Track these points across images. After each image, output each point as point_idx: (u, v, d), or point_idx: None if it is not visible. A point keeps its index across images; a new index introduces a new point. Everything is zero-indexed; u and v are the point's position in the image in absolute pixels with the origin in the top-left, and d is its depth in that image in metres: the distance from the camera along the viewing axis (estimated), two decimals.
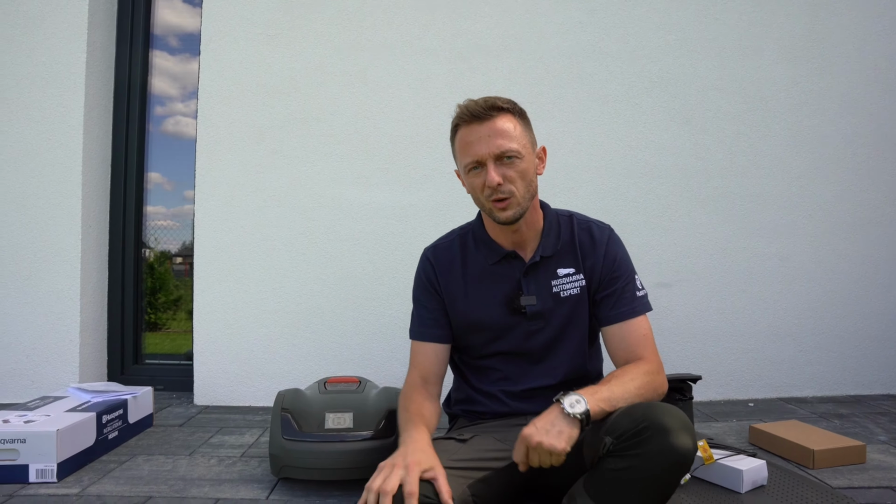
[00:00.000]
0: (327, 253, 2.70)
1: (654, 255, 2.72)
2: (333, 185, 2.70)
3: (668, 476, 1.19)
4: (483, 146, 1.43)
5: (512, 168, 1.44)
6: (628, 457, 1.20)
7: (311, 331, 2.70)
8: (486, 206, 1.49)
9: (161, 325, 3.13)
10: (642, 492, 1.20)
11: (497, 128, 1.43)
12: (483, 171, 1.45)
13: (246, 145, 2.72)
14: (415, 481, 1.14)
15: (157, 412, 2.57)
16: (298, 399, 1.80)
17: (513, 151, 1.43)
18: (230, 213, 2.72)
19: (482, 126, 1.44)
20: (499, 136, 1.43)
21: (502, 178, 1.43)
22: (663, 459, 1.17)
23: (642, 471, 1.19)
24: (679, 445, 1.16)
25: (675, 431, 1.17)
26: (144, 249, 3.05)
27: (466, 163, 1.47)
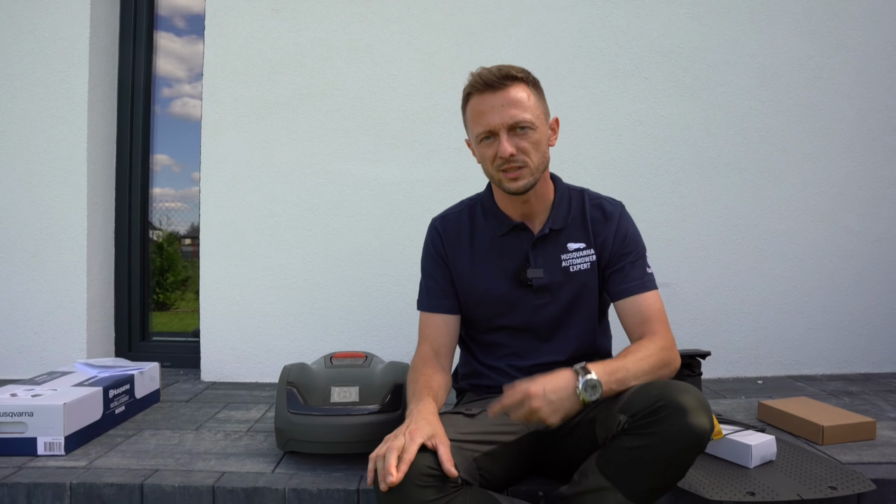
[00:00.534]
0: (334, 229, 2.69)
1: (663, 231, 2.69)
2: (340, 161, 2.68)
3: (684, 455, 1.18)
4: (496, 116, 1.40)
5: (525, 139, 1.41)
6: (644, 435, 1.18)
7: (317, 307, 2.70)
8: (497, 176, 1.46)
9: (169, 305, 3.13)
10: (657, 470, 1.19)
11: (511, 97, 1.40)
12: (495, 141, 1.42)
13: (251, 121, 2.70)
14: (414, 449, 1.13)
15: (164, 388, 2.57)
16: (304, 373, 1.79)
17: (526, 122, 1.40)
18: (236, 189, 2.70)
19: (495, 95, 1.41)
20: (512, 106, 1.40)
21: (515, 149, 1.40)
22: (680, 439, 1.16)
23: (658, 450, 1.17)
24: (696, 425, 1.15)
25: (693, 411, 1.15)
26: (151, 230, 3.05)
27: (478, 132, 1.44)
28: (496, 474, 1.37)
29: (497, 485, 1.39)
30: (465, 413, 1.43)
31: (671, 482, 1.21)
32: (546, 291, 1.54)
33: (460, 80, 2.64)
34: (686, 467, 1.19)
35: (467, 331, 1.65)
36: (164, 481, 1.61)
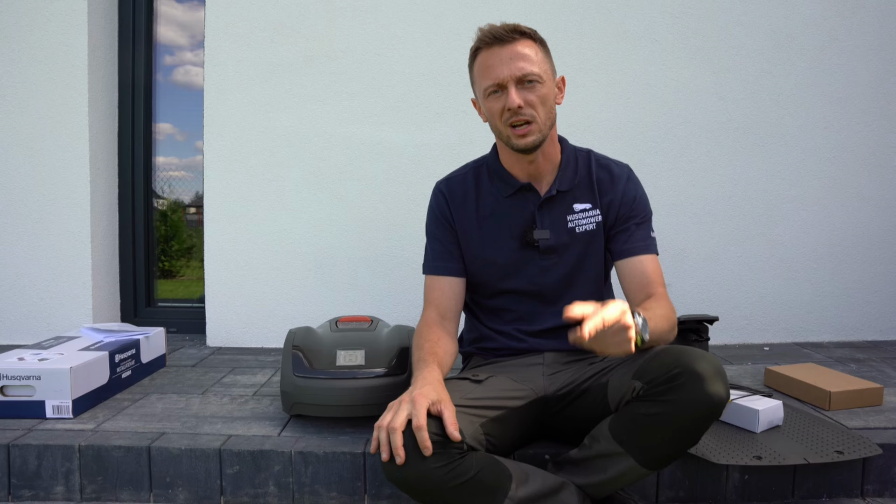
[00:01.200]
0: (338, 193, 2.66)
1: (671, 196, 2.66)
2: (344, 125, 2.65)
3: (699, 423, 1.17)
4: (504, 68, 1.38)
5: (533, 92, 1.40)
6: (659, 402, 1.18)
7: (322, 271, 2.69)
8: (505, 132, 1.44)
9: (175, 273, 3.13)
10: (671, 437, 1.18)
11: (519, 51, 1.39)
12: (503, 94, 1.40)
13: (254, 85, 2.66)
14: (422, 414, 1.12)
15: (170, 353, 2.58)
16: (309, 337, 1.78)
17: (534, 75, 1.39)
18: (239, 154, 2.67)
19: (504, 48, 1.40)
20: (520, 59, 1.39)
21: (523, 102, 1.39)
22: (696, 407, 1.15)
23: (673, 417, 1.16)
24: (713, 393, 1.14)
25: (710, 379, 1.15)
26: (156, 199, 3.03)
27: (486, 86, 1.42)
28: (503, 440, 1.37)
29: (504, 451, 1.39)
30: (472, 379, 1.43)
31: (684, 448, 1.20)
32: (552, 253, 1.53)
33: (466, 42, 2.59)
34: (700, 434, 1.19)
35: (472, 296, 1.64)
36: (172, 444, 1.62)
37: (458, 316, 1.58)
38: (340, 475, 1.57)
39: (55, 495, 1.64)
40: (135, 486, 1.62)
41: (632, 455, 1.22)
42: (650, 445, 1.20)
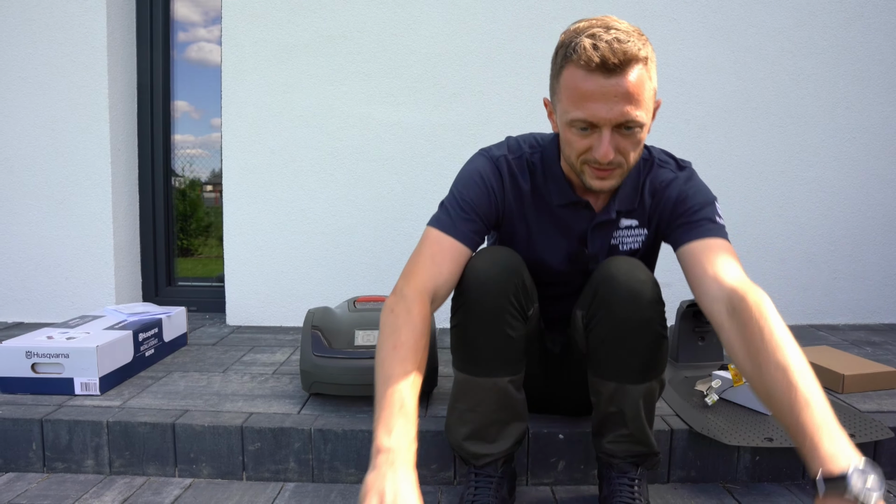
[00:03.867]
0: (356, 174, 2.68)
1: None
2: (361, 105, 2.66)
3: (640, 323, 1.21)
4: (604, 108, 1.12)
5: (630, 139, 1.17)
6: (599, 319, 1.24)
7: (340, 252, 2.72)
8: (579, 168, 1.22)
9: (193, 251, 3.16)
10: (633, 343, 1.23)
11: (627, 89, 1.11)
12: (593, 133, 1.16)
13: (272, 65, 2.67)
14: None
15: (191, 332, 2.63)
16: (328, 317, 1.81)
17: (637, 122, 1.14)
18: (257, 134, 2.70)
19: (609, 80, 1.11)
20: (626, 101, 1.12)
21: (616, 150, 1.17)
22: (623, 306, 1.20)
23: (614, 325, 1.22)
24: (629, 285, 1.20)
25: (623, 274, 1.21)
26: (174, 178, 3.06)
27: (574, 118, 1.15)
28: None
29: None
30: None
31: (653, 353, 1.25)
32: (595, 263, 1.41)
33: (483, 21, 2.60)
34: (651, 329, 1.22)
35: None
36: (195, 421, 1.66)
37: (446, 299, 1.34)
38: (358, 452, 1.61)
39: (86, 468, 1.70)
40: (160, 461, 1.67)
41: (626, 381, 1.27)
42: (620, 363, 1.26)
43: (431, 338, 1.72)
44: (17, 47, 2.72)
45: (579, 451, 1.59)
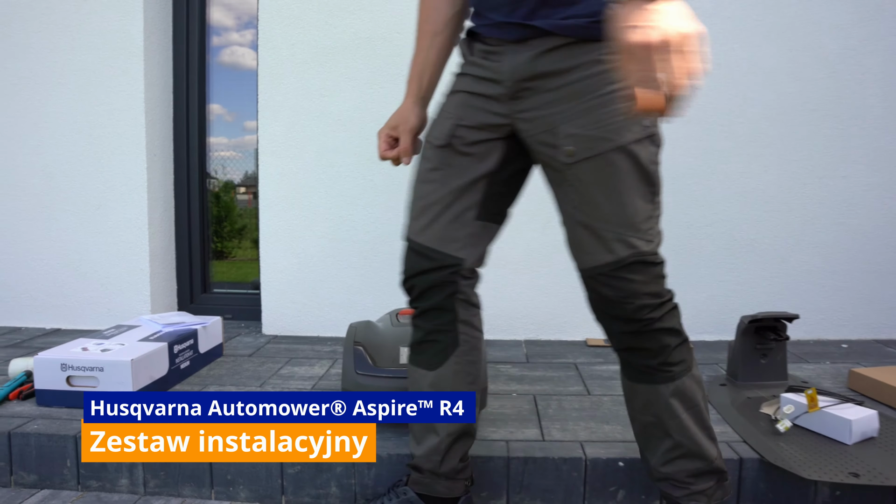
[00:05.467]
0: (396, 179, 2.60)
1: (742, 183, 2.53)
2: None
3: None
4: None
5: None
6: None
7: (380, 260, 2.63)
8: None
9: (227, 254, 3.12)
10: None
11: None
12: None
13: (309, 68, 2.60)
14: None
15: (227, 342, 2.57)
16: (371, 332, 1.73)
17: None
18: (294, 139, 2.63)
19: None
20: None
21: None
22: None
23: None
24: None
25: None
26: (209, 179, 3.02)
27: None
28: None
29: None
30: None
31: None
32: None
33: None
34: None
35: None
36: None
37: None
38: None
39: (120, 487, 1.64)
40: (196, 483, 1.60)
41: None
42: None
43: (481, 353, 1.63)
44: (55, 53, 2.69)
45: (641, 480, 1.48)
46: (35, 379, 1.85)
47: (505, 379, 2.08)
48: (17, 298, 2.88)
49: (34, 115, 2.76)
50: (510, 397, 1.91)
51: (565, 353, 2.38)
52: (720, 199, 2.54)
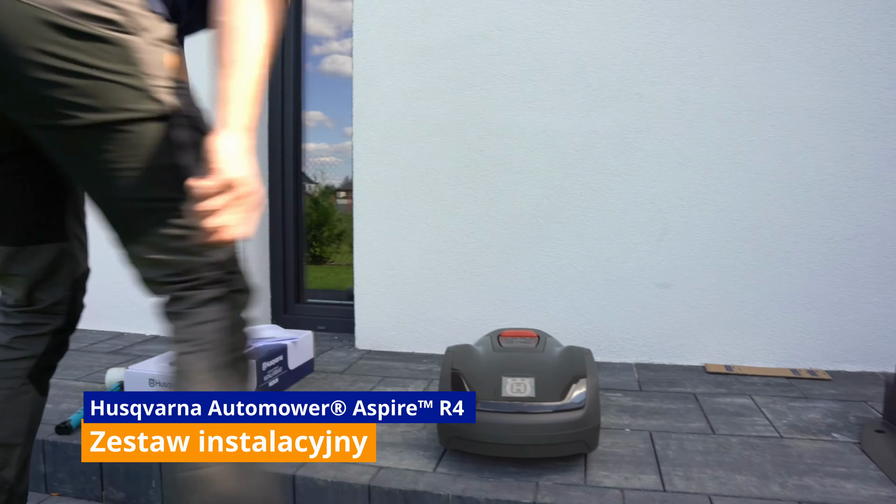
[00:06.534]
0: (496, 187, 2.42)
1: (893, 190, 2.19)
2: (503, 111, 2.39)
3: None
4: None
5: None
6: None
7: (478, 273, 2.46)
8: None
9: (325, 259, 3.05)
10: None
11: None
12: None
13: (405, 70, 2.47)
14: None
15: (319, 355, 2.46)
16: (470, 358, 1.56)
17: None
18: (390, 144, 2.50)
19: None
20: None
21: None
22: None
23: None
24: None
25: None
26: (306, 184, 2.96)
27: None
28: None
29: None
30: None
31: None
32: None
33: (640, 14, 2.26)
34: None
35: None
36: (317, 474, 1.46)
37: None
38: None
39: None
40: None
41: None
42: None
43: (594, 390, 1.43)
44: None
45: None
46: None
47: (616, 410, 1.86)
48: (121, 305, 2.90)
49: None
50: (623, 433, 1.69)
51: (682, 381, 2.13)
52: (866, 208, 2.22)
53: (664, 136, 2.26)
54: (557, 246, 2.38)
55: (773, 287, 2.23)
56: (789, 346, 2.24)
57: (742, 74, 2.20)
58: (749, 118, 2.21)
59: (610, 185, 2.31)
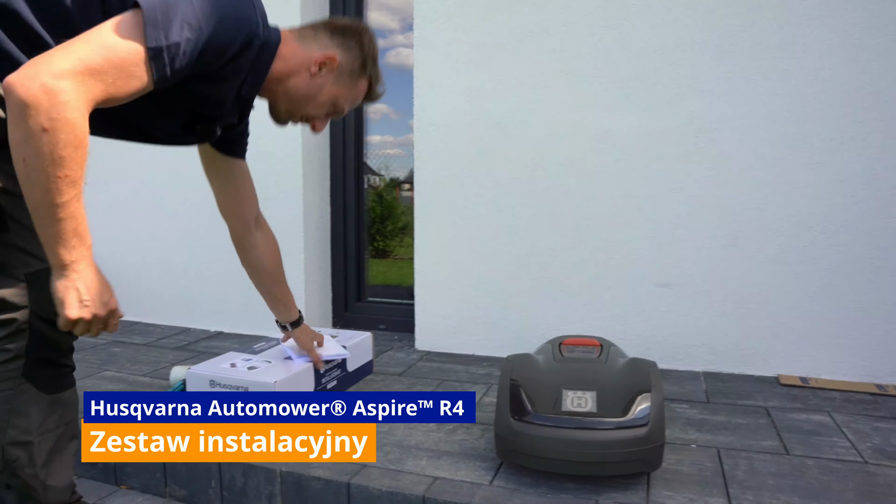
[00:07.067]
0: (560, 188, 2.35)
1: None
2: (567, 110, 2.32)
3: None
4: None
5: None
6: None
7: (540, 275, 2.40)
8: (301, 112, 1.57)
9: (389, 252, 3.04)
10: None
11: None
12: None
13: (466, 68, 2.43)
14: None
15: (378, 356, 2.46)
16: (530, 368, 1.51)
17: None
18: (451, 143, 2.47)
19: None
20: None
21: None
22: None
23: None
24: None
25: None
26: (369, 176, 2.97)
27: (341, 106, 1.60)
28: None
29: None
30: None
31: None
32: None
33: (713, 6, 2.16)
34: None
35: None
36: (372, 482, 1.44)
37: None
38: None
39: None
40: None
41: None
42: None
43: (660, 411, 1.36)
44: None
45: None
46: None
47: (682, 423, 1.78)
48: (188, 301, 2.98)
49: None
50: (689, 449, 1.61)
51: (753, 393, 2.02)
52: None
53: (738, 135, 2.15)
54: (622, 249, 2.30)
55: (857, 295, 2.09)
56: (875, 359, 2.09)
57: (826, 68, 2.06)
58: (834, 114, 2.06)
59: (679, 187, 2.22)
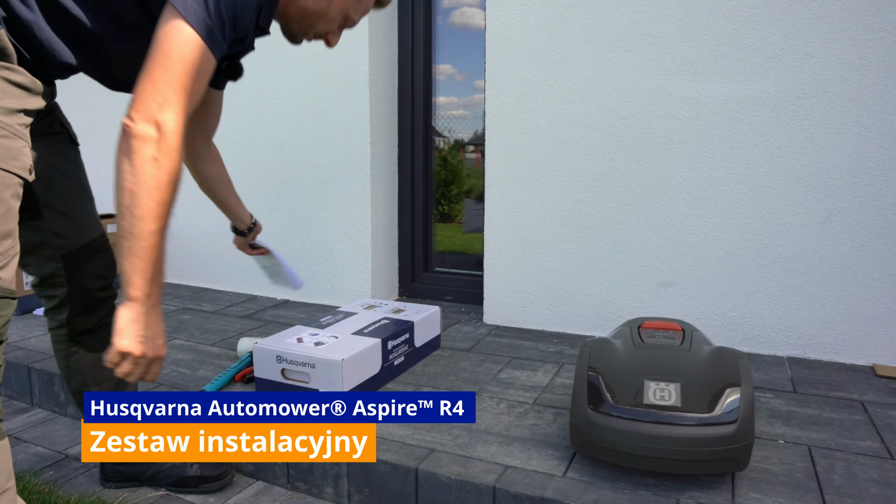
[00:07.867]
0: (640, 158, 2.23)
1: None
2: (649, 75, 2.18)
3: None
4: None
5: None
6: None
7: (616, 250, 2.30)
8: (314, 29, 1.36)
9: (454, 217, 2.97)
10: None
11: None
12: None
13: (541, 31, 2.30)
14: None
15: (445, 329, 2.42)
16: (609, 354, 1.43)
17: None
18: (524, 111, 2.36)
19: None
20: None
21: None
22: None
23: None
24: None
25: None
26: (435, 138, 2.90)
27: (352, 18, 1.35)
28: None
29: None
30: None
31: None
32: None
33: None
34: None
35: None
36: (441, 469, 1.40)
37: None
38: None
39: (326, 495, 1.57)
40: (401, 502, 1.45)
41: None
42: None
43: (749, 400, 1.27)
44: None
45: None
46: (255, 367, 1.82)
47: (767, 415, 1.67)
48: (255, 269, 2.99)
49: (269, 92, 2.79)
50: (776, 445, 1.50)
51: (845, 384, 1.88)
52: None
53: (838, 102, 1.98)
54: (705, 224, 2.16)
55: None
56: None
57: None
58: None
59: (769, 159, 2.06)
